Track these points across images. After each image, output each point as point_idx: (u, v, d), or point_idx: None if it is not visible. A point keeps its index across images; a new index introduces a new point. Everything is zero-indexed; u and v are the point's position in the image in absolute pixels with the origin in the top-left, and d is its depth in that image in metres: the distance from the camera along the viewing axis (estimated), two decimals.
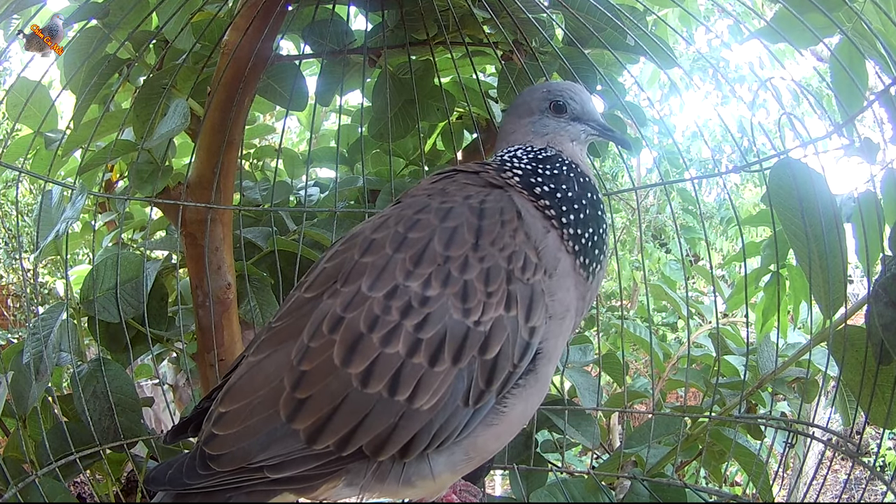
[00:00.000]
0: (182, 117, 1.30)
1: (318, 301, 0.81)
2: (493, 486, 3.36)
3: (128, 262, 1.40)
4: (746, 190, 5.43)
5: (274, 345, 0.81)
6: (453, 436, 0.78)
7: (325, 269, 0.85)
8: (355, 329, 0.76)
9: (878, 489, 1.27)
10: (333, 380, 0.75)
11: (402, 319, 0.76)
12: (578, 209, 0.88)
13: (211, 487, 0.77)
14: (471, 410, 0.78)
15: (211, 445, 0.77)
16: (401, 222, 0.83)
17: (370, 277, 0.79)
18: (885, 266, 1.01)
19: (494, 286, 0.78)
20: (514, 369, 0.79)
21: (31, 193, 3.75)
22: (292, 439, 0.75)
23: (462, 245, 0.80)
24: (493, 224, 0.82)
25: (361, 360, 0.75)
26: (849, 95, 1.13)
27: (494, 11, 1.38)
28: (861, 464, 1.04)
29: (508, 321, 0.78)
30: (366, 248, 0.82)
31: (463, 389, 0.76)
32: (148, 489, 0.85)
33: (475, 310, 0.77)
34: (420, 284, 0.77)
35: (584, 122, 0.97)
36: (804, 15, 1.05)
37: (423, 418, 0.75)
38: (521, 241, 0.82)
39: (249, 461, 0.75)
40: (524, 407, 0.83)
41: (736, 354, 1.63)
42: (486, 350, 0.77)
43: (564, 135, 0.96)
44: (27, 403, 1.19)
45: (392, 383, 0.75)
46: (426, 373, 0.75)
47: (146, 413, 1.55)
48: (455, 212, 0.83)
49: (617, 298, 3.93)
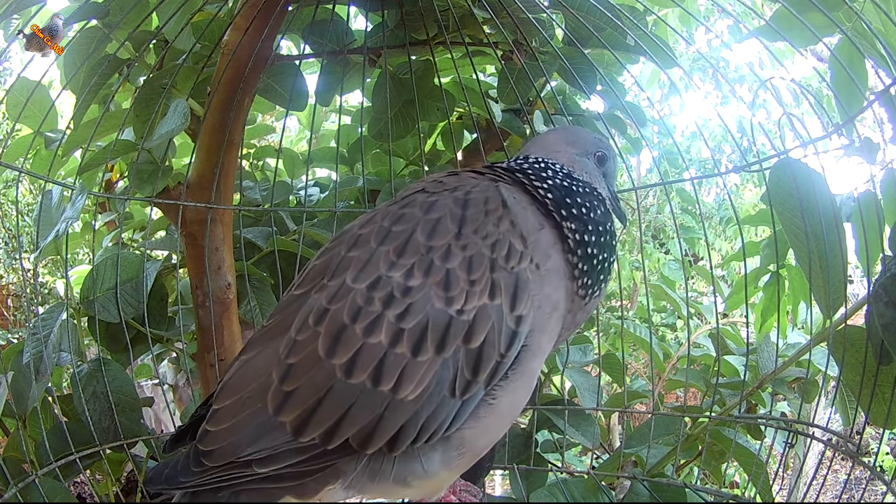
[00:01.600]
0: (182, 117, 1.30)
1: (307, 297, 0.82)
2: (493, 486, 3.36)
3: (128, 262, 1.40)
4: (746, 190, 5.43)
5: (264, 342, 0.82)
6: (442, 429, 0.77)
7: (314, 266, 0.86)
8: (339, 320, 0.76)
9: (878, 489, 1.27)
10: (318, 371, 0.75)
11: (384, 310, 0.76)
12: (601, 232, 0.89)
13: (204, 485, 0.77)
14: (458, 402, 0.77)
15: (204, 441, 0.77)
16: (387, 217, 0.84)
17: (354, 270, 0.79)
18: (885, 266, 1.01)
19: (477, 274, 0.78)
20: (502, 359, 0.78)
21: (31, 193, 3.75)
22: (279, 432, 0.75)
23: (444, 235, 0.80)
24: (476, 213, 0.82)
25: (345, 351, 0.75)
26: (849, 95, 1.13)
27: (494, 11, 1.39)
28: (861, 464, 1.04)
29: (493, 309, 0.77)
30: (352, 243, 0.83)
31: (449, 379, 0.76)
32: (148, 490, 0.86)
33: (458, 298, 0.77)
34: (402, 275, 0.77)
35: (607, 183, 1.01)
36: (803, 14, 1.05)
37: (408, 409, 0.75)
38: (505, 230, 0.81)
39: (238, 455, 0.75)
40: (512, 399, 0.82)
41: (736, 354, 1.63)
42: (471, 339, 0.76)
43: (597, 182, 0.98)
44: (27, 403, 1.19)
45: (375, 373, 0.74)
46: (409, 362, 0.75)
47: (146, 413, 1.55)
48: (439, 204, 0.83)
49: (617, 298, 3.93)
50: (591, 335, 1.90)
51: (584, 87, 1.47)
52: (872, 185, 1.10)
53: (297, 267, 1.44)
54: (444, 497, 0.95)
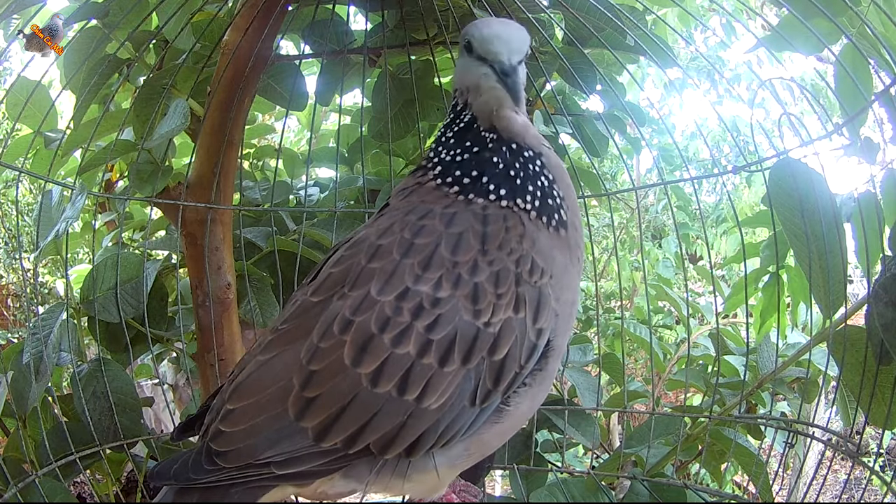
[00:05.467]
0: (182, 117, 1.30)
1: (328, 303, 0.82)
2: (493, 485, 3.36)
3: (128, 262, 1.40)
4: (746, 190, 5.42)
5: (282, 345, 0.82)
6: (459, 434, 0.78)
7: (331, 274, 0.85)
8: (366, 330, 0.77)
9: (878, 489, 1.27)
10: (343, 379, 0.76)
11: (413, 320, 0.77)
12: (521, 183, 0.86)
13: (217, 482, 0.78)
14: (477, 410, 0.78)
15: (218, 442, 0.78)
16: (406, 228, 0.84)
17: (379, 282, 0.80)
18: (885, 266, 1.01)
19: (504, 288, 0.79)
20: (521, 370, 0.80)
21: (31, 193, 3.75)
22: (300, 437, 0.76)
23: (469, 249, 0.81)
24: (497, 230, 0.83)
25: (372, 361, 0.76)
26: (851, 98, 1.13)
27: (494, 11, 1.39)
28: (861, 464, 1.04)
29: (517, 323, 0.79)
30: (372, 253, 0.83)
31: (470, 389, 0.77)
32: (152, 485, 0.87)
33: (485, 311, 0.78)
34: (431, 287, 0.78)
35: (489, 64, 0.83)
36: (809, 20, 1.04)
37: (430, 417, 0.76)
38: (528, 247, 0.82)
39: (256, 457, 0.76)
40: (530, 404, 0.84)
41: (736, 354, 1.63)
42: (496, 351, 0.78)
43: (473, 77, 0.85)
44: (27, 403, 1.19)
45: (401, 383, 0.75)
46: (436, 373, 0.76)
47: (146, 413, 1.55)
48: (459, 217, 0.84)
49: (616, 299, 3.93)
50: (591, 335, 1.90)
51: (584, 86, 1.47)
52: (872, 186, 1.10)
53: (297, 267, 1.44)
54: (444, 496, 0.95)
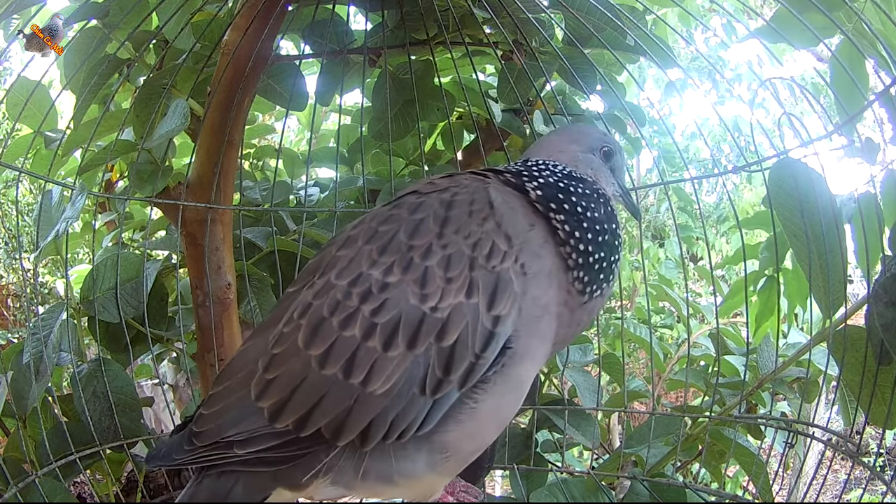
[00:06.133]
0: (182, 117, 1.30)
1: (298, 294, 0.85)
2: (493, 486, 3.36)
3: (128, 262, 1.40)
4: (746, 190, 5.42)
5: (259, 333, 0.86)
6: (413, 427, 0.77)
7: (309, 265, 0.90)
8: (319, 314, 0.80)
9: (878, 489, 1.27)
10: (296, 361, 0.79)
11: (360, 304, 0.78)
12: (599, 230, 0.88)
13: (191, 461, 0.82)
14: (430, 400, 0.77)
15: (197, 423, 0.82)
16: (375, 218, 0.86)
17: (339, 267, 0.82)
18: (885, 266, 1.01)
19: (455, 272, 0.78)
20: (477, 360, 0.77)
21: (31, 193, 3.75)
22: (257, 416, 0.79)
23: (426, 234, 0.81)
24: (460, 213, 0.82)
25: (321, 343, 0.78)
26: (849, 95, 1.13)
27: (494, 11, 1.39)
28: (861, 464, 1.04)
29: (468, 308, 0.77)
30: (342, 242, 0.86)
31: (419, 376, 0.76)
32: (149, 467, 0.94)
33: (433, 296, 0.77)
34: (381, 272, 0.79)
35: (616, 178, 1.01)
36: (803, 14, 1.05)
37: (378, 403, 0.76)
38: (489, 229, 0.81)
39: (222, 436, 0.80)
40: (495, 404, 0.81)
41: (736, 354, 1.63)
42: (444, 336, 0.77)
43: (603, 178, 0.98)
44: (27, 403, 1.19)
45: (347, 366, 0.77)
46: (380, 357, 0.76)
47: (146, 413, 1.55)
48: (425, 205, 0.85)
49: (616, 299, 3.93)
50: (591, 335, 1.90)
51: (584, 87, 1.47)
52: (872, 186, 1.10)
53: (297, 267, 1.44)
54: (441, 498, 0.95)
